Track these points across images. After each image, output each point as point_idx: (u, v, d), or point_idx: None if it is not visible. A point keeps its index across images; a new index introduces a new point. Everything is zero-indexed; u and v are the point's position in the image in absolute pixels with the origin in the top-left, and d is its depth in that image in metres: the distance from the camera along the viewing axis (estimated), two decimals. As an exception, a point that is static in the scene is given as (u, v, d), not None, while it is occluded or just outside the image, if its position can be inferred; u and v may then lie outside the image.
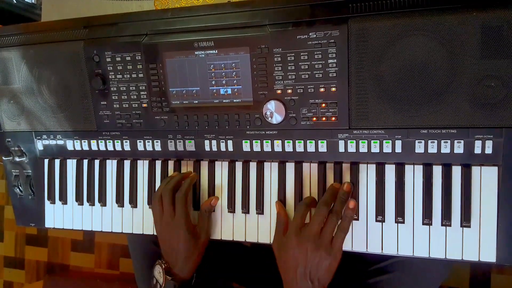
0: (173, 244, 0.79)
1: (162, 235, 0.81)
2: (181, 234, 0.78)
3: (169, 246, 0.80)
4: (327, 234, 0.69)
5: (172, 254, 0.79)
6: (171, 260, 0.79)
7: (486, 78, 0.63)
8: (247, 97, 0.75)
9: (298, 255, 0.70)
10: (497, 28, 0.61)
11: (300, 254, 0.69)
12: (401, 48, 0.65)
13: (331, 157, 0.75)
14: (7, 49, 0.86)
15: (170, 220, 0.78)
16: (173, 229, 0.78)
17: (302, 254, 0.69)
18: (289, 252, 0.71)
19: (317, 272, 0.69)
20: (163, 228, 0.80)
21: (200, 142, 0.81)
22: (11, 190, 0.97)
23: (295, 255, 0.70)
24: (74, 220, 0.94)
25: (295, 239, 0.70)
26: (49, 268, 2.09)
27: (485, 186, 0.68)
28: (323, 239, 0.69)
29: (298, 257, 0.70)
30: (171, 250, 0.79)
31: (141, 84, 0.80)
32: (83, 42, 0.81)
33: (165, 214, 0.79)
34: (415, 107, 0.67)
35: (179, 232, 0.78)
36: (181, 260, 0.78)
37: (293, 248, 0.70)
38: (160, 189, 0.81)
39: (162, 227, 0.80)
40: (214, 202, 0.82)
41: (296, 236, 0.70)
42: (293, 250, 0.70)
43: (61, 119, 0.87)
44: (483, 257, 0.69)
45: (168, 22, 0.77)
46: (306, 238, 0.69)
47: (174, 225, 0.78)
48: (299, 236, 0.70)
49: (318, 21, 0.69)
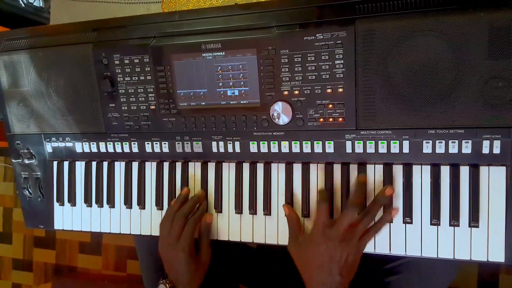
0: (175, 266, 0.80)
1: (164, 255, 0.82)
2: (182, 258, 0.78)
3: (172, 267, 0.81)
4: (358, 233, 0.69)
5: (175, 275, 0.80)
6: (175, 279, 0.81)
7: (494, 78, 0.63)
8: (254, 98, 0.76)
9: (326, 252, 0.69)
10: (504, 28, 0.61)
11: (329, 251, 0.69)
12: (408, 48, 0.66)
13: (338, 158, 0.75)
14: (17, 52, 0.87)
15: (174, 243, 0.79)
16: (175, 251, 0.79)
17: (330, 250, 0.69)
18: (316, 250, 0.70)
19: (345, 266, 0.69)
20: (166, 248, 0.81)
21: (207, 143, 0.82)
22: (21, 193, 0.98)
23: (323, 252, 0.69)
24: (82, 222, 0.94)
25: (323, 236, 0.70)
26: (57, 270, 2.10)
27: (493, 186, 0.68)
28: (352, 237, 0.69)
29: (326, 253, 0.69)
30: (174, 271, 0.80)
31: (149, 86, 0.81)
32: (91, 45, 0.82)
33: (171, 235, 0.80)
34: (422, 108, 0.67)
35: (181, 256, 0.78)
36: (185, 280, 0.79)
37: (320, 245, 0.70)
38: (173, 210, 0.81)
39: (165, 248, 0.81)
40: (208, 219, 0.82)
41: (324, 233, 0.70)
42: (320, 248, 0.70)
43: (70, 122, 0.88)
44: (492, 257, 0.69)
45: (176, 25, 0.77)
46: (336, 235, 0.69)
47: (177, 248, 0.79)
48: (327, 233, 0.70)
49: (325, 22, 0.69)
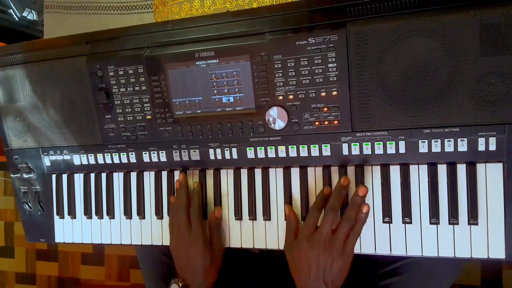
0: (190, 259, 0.79)
1: (178, 251, 0.81)
2: (199, 247, 0.78)
3: (186, 261, 0.80)
4: (340, 238, 0.70)
5: (189, 270, 0.80)
6: (189, 276, 0.80)
7: (487, 75, 0.64)
8: (249, 104, 0.76)
9: (310, 259, 0.70)
10: (495, 26, 0.62)
11: (313, 258, 0.70)
12: (400, 49, 0.66)
13: (335, 161, 0.75)
14: (11, 68, 0.88)
15: (187, 235, 0.79)
16: (190, 243, 0.79)
17: (314, 257, 0.70)
18: (301, 256, 0.71)
19: (330, 274, 0.70)
20: (180, 243, 0.81)
21: (204, 151, 0.82)
22: (20, 207, 0.98)
23: (307, 258, 0.70)
24: (83, 234, 0.94)
25: (306, 243, 0.71)
26: (61, 282, 2.10)
27: (490, 183, 0.68)
28: (335, 243, 0.70)
29: (310, 260, 0.70)
30: (187, 266, 0.80)
31: (144, 96, 0.81)
32: (85, 58, 0.82)
33: (182, 229, 0.80)
34: (417, 107, 0.67)
35: (197, 245, 0.78)
36: (200, 275, 0.79)
37: (305, 252, 0.71)
38: (177, 205, 0.82)
39: (179, 243, 0.81)
40: (217, 213, 0.82)
41: (308, 240, 0.71)
42: (305, 254, 0.71)
43: (67, 134, 0.88)
44: (492, 254, 0.69)
45: (169, 34, 0.78)
46: (318, 242, 0.70)
47: (191, 239, 0.79)
48: (310, 240, 0.71)
49: (316, 26, 0.69)
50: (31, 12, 1.24)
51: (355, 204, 0.71)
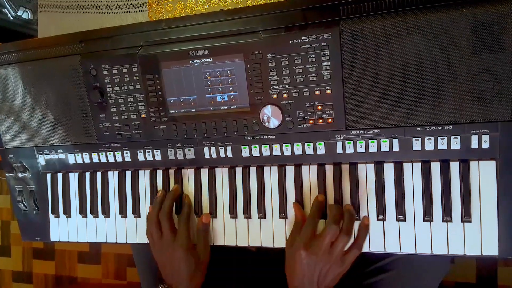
0: (175, 266, 0.79)
1: (162, 259, 0.81)
2: (182, 255, 0.78)
3: (171, 269, 0.80)
4: (338, 251, 0.70)
5: (174, 277, 0.80)
6: (175, 283, 0.80)
7: (479, 73, 0.64)
8: (244, 103, 0.76)
9: (307, 267, 0.70)
10: (487, 23, 0.62)
11: (310, 265, 0.70)
12: (393, 47, 0.66)
13: (329, 159, 0.75)
14: (5, 67, 0.87)
15: (171, 243, 0.79)
16: (174, 250, 0.79)
17: (311, 265, 0.70)
18: (297, 262, 0.71)
19: (325, 280, 0.71)
20: (163, 251, 0.81)
21: (199, 149, 0.82)
22: (16, 206, 0.98)
23: (303, 266, 0.71)
24: (78, 233, 0.94)
25: (304, 251, 0.70)
26: (57, 281, 2.10)
27: (484, 180, 0.69)
28: (333, 254, 0.70)
29: (307, 267, 0.70)
30: (172, 273, 0.80)
31: (139, 95, 0.81)
32: (79, 57, 0.82)
33: (165, 237, 0.80)
34: (410, 105, 0.68)
35: (181, 252, 0.78)
36: (185, 282, 0.79)
37: (301, 260, 0.71)
38: (155, 214, 0.82)
39: (163, 251, 0.81)
40: (205, 219, 0.82)
41: (306, 248, 0.70)
42: (302, 262, 0.71)
43: (61, 134, 0.88)
44: (486, 251, 0.69)
45: (163, 33, 0.78)
46: (316, 252, 0.70)
47: (175, 246, 0.79)
48: (309, 249, 0.70)
49: (310, 25, 0.69)
50: (26, 11, 1.23)
51: (350, 218, 0.71)
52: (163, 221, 0.81)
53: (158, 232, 0.81)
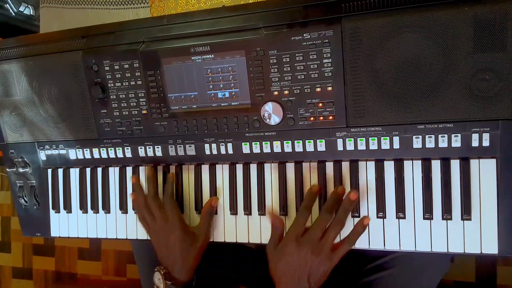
0: (169, 246, 0.80)
1: (157, 240, 0.82)
2: (176, 234, 0.79)
3: (165, 249, 0.81)
4: (329, 242, 0.70)
5: (169, 257, 0.80)
6: (169, 263, 0.80)
7: (481, 71, 0.64)
8: (245, 99, 0.76)
9: (297, 260, 0.70)
10: (489, 22, 0.62)
11: (300, 259, 0.70)
12: (395, 45, 0.66)
13: (330, 156, 0.76)
14: (7, 62, 0.88)
15: (163, 224, 0.80)
16: (168, 231, 0.79)
17: (301, 259, 0.70)
18: (288, 257, 0.71)
19: (315, 275, 0.70)
20: (157, 233, 0.81)
21: (200, 146, 0.82)
22: (16, 201, 0.98)
23: (294, 260, 0.70)
24: (79, 228, 0.95)
25: (295, 244, 0.70)
26: (57, 277, 2.10)
27: (484, 179, 0.69)
28: (324, 246, 0.69)
29: (297, 262, 0.70)
30: (167, 253, 0.80)
31: (140, 91, 0.81)
32: (81, 52, 0.82)
33: (157, 219, 0.81)
34: (411, 103, 0.68)
35: (175, 232, 0.79)
36: (179, 262, 0.79)
37: (292, 254, 0.70)
38: (141, 199, 0.83)
39: (157, 233, 0.81)
40: (214, 202, 0.82)
41: (297, 241, 0.70)
42: (293, 255, 0.70)
43: (62, 129, 0.88)
44: (485, 249, 0.69)
45: (164, 29, 0.78)
46: (307, 244, 0.70)
47: (168, 227, 0.79)
48: (299, 241, 0.70)
49: (311, 21, 0.69)
50: (28, 7, 1.24)
51: (345, 208, 0.71)
52: (152, 204, 0.82)
53: (150, 215, 0.82)
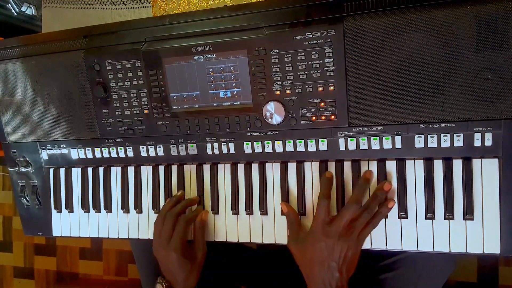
0: (168, 265, 0.80)
1: (158, 256, 0.82)
2: (175, 258, 0.78)
3: (166, 267, 0.81)
4: (358, 228, 0.70)
5: (170, 275, 0.80)
6: (171, 279, 0.81)
7: (483, 71, 0.64)
8: (247, 99, 0.76)
9: (326, 248, 0.69)
10: (491, 21, 0.62)
11: (329, 246, 0.69)
12: (397, 44, 0.66)
13: (332, 156, 0.75)
14: (9, 62, 0.88)
15: (165, 243, 0.79)
16: (168, 252, 0.79)
17: (330, 245, 0.69)
18: (315, 247, 0.70)
19: (344, 262, 0.70)
20: (159, 249, 0.81)
21: (202, 145, 0.82)
22: (18, 201, 0.98)
23: (322, 248, 0.70)
24: (81, 228, 0.95)
25: (321, 232, 0.70)
26: (59, 277, 2.10)
27: (486, 178, 0.69)
28: (352, 233, 0.69)
29: (326, 250, 0.70)
30: (168, 270, 0.80)
31: (142, 90, 0.81)
32: (83, 52, 0.82)
33: (162, 235, 0.80)
34: (413, 103, 0.68)
35: (173, 256, 0.78)
36: (180, 279, 0.79)
37: (319, 242, 0.70)
38: (165, 209, 0.82)
39: (158, 248, 0.81)
40: (204, 216, 0.83)
41: (324, 230, 0.70)
42: (320, 244, 0.70)
43: (64, 128, 0.88)
44: (487, 249, 0.69)
45: (166, 29, 0.78)
46: (335, 231, 0.69)
47: (169, 248, 0.79)
48: (326, 228, 0.70)
49: (313, 21, 0.69)
50: (30, 7, 1.24)
51: (378, 197, 0.71)
52: (167, 220, 0.80)
53: (159, 228, 0.81)
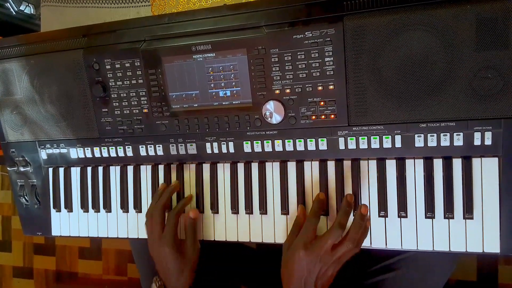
0: (162, 262, 0.79)
1: (153, 253, 0.81)
2: (167, 252, 0.78)
3: (159, 264, 0.80)
4: (339, 254, 0.69)
5: (164, 272, 0.80)
6: (164, 277, 0.80)
7: (483, 69, 0.64)
8: (246, 98, 0.76)
9: (306, 267, 0.69)
10: (491, 20, 0.62)
11: (309, 264, 0.69)
12: (396, 43, 0.66)
13: (332, 155, 0.75)
14: (8, 61, 0.87)
15: (157, 239, 0.79)
16: (160, 247, 0.78)
17: (311, 264, 0.69)
18: (296, 262, 0.70)
19: (322, 279, 0.70)
20: (152, 246, 0.81)
21: (201, 145, 0.82)
22: (17, 200, 0.98)
23: (302, 265, 0.69)
24: (80, 227, 0.94)
25: (304, 250, 0.69)
26: (58, 277, 2.10)
27: (486, 177, 0.69)
28: (333, 256, 0.69)
29: (305, 267, 0.69)
30: (162, 268, 0.80)
31: (141, 89, 0.81)
32: (82, 51, 0.82)
33: (153, 232, 0.80)
34: (413, 102, 0.68)
35: (166, 250, 0.78)
36: (174, 278, 0.79)
37: (300, 260, 0.69)
38: (151, 207, 0.82)
39: (152, 246, 0.81)
40: (193, 214, 0.81)
41: (306, 248, 0.69)
42: (301, 262, 0.69)
43: (63, 128, 0.88)
44: (487, 248, 0.69)
45: (166, 28, 0.77)
46: (317, 253, 0.68)
47: (161, 243, 0.78)
48: (309, 248, 0.69)
49: (313, 20, 0.69)
50: (28, 6, 1.23)
51: (358, 224, 0.69)
52: (154, 216, 0.80)
53: (150, 226, 0.81)
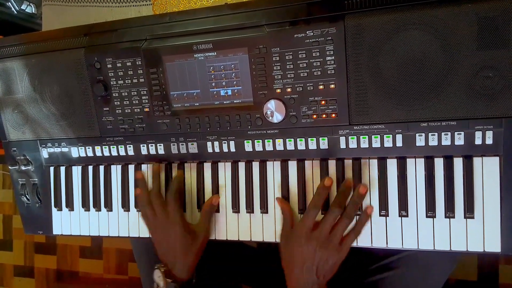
0: (169, 242, 0.80)
1: (158, 237, 0.82)
2: (177, 230, 0.79)
3: (166, 246, 0.81)
4: (338, 235, 0.71)
5: (169, 254, 0.80)
6: (169, 261, 0.80)
7: (484, 69, 0.64)
8: (247, 97, 0.76)
9: (306, 253, 0.71)
10: (492, 19, 0.62)
11: (309, 252, 0.70)
12: (398, 42, 0.66)
13: (332, 154, 0.75)
14: (10, 60, 0.87)
15: (164, 220, 0.80)
16: (169, 227, 0.80)
17: (311, 252, 0.70)
18: (297, 250, 0.72)
19: (323, 268, 0.71)
20: (158, 230, 0.82)
21: (202, 144, 0.82)
22: (18, 199, 0.98)
23: (303, 253, 0.71)
24: (81, 226, 0.94)
25: (304, 239, 0.71)
26: (59, 276, 2.10)
27: (487, 177, 0.68)
28: (333, 239, 0.70)
29: (306, 255, 0.71)
30: (168, 250, 0.81)
31: (142, 88, 0.81)
32: (83, 50, 0.82)
33: (158, 216, 0.81)
34: (414, 101, 0.68)
35: (175, 228, 0.79)
36: (179, 259, 0.79)
37: (301, 247, 0.71)
38: (145, 195, 0.83)
39: (158, 229, 0.82)
40: (214, 201, 0.82)
41: (306, 236, 0.71)
42: (302, 249, 0.71)
43: (64, 127, 0.88)
44: (488, 247, 0.69)
45: (167, 27, 0.77)
46: (316, 238, 0.70)
47: (169, 223, 0.79)
48: (309, 235, 0.71)
49: (314, 19, 0.69)
50: (30, 5, 1.23)
51: (355, 202, 0.72)
52: (154, 200, 0.82)
53: (152, 212, 0.82)
